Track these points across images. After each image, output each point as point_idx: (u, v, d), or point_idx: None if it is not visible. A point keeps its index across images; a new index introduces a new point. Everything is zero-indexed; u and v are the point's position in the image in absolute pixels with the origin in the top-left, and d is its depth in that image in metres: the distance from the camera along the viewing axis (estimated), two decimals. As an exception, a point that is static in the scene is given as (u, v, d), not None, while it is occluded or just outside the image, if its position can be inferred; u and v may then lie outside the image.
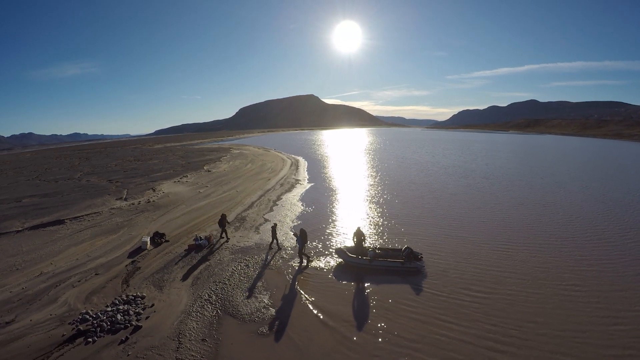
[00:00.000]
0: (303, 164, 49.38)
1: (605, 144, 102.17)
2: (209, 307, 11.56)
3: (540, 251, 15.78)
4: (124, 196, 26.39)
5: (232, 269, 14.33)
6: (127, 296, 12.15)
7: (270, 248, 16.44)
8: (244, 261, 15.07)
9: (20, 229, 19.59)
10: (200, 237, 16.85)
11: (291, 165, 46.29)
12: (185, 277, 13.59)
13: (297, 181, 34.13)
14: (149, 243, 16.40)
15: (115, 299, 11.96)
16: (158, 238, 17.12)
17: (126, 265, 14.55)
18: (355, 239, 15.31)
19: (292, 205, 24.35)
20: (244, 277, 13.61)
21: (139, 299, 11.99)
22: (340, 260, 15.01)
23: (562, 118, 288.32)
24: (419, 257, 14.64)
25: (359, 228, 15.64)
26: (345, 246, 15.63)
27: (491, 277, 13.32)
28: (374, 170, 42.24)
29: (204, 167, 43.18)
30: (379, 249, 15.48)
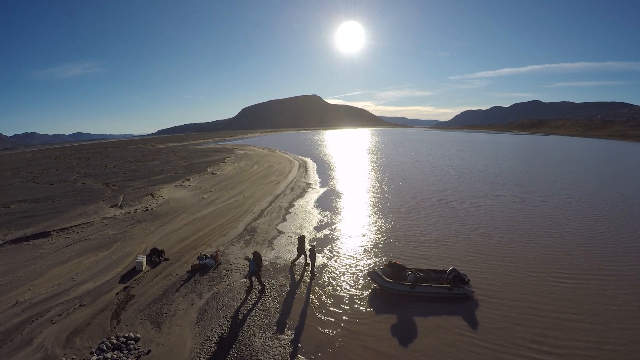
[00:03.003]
0: (312, 165, 46.85)
1: (612, 145, 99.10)
2: (220, 354, 9.09)
3: (610, 282, 12.75)
4: (120, 203, 23.93)
5: (246, 298, 11.83)
6: (117, 338, 9.67)
7: (293, 265, 14.20)
8: (259, 287, 12.56)
9: (1, 242, 17.19)
10: (206, 256, 14.31)
11: (299, 167, 43.78)
12: (189, 310, 11.08)
13: (309, 185, 31.59)
14: (145, 263, 13.90)
15: (102, 342, 9.48)
16: (156, 256, 14.62)
17: (117, 293, 12.05)
18: (391, 270, 12.76)
19: (308, 214, 21.78)
20: (261, 310, 11.11)
21: (132, 342, 9.51)
22: (374, 285, 12.55)
23: (565, 119, 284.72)
24: (466, 280, 12.34)
25: (393, 262, 13.02)
26: (380, 268, 13.15)
27: (564, 321, 10.32)
28: (390, 174, 39.52)
29: (208, 169, 40.75)
30: (419, 270, 13.00)
